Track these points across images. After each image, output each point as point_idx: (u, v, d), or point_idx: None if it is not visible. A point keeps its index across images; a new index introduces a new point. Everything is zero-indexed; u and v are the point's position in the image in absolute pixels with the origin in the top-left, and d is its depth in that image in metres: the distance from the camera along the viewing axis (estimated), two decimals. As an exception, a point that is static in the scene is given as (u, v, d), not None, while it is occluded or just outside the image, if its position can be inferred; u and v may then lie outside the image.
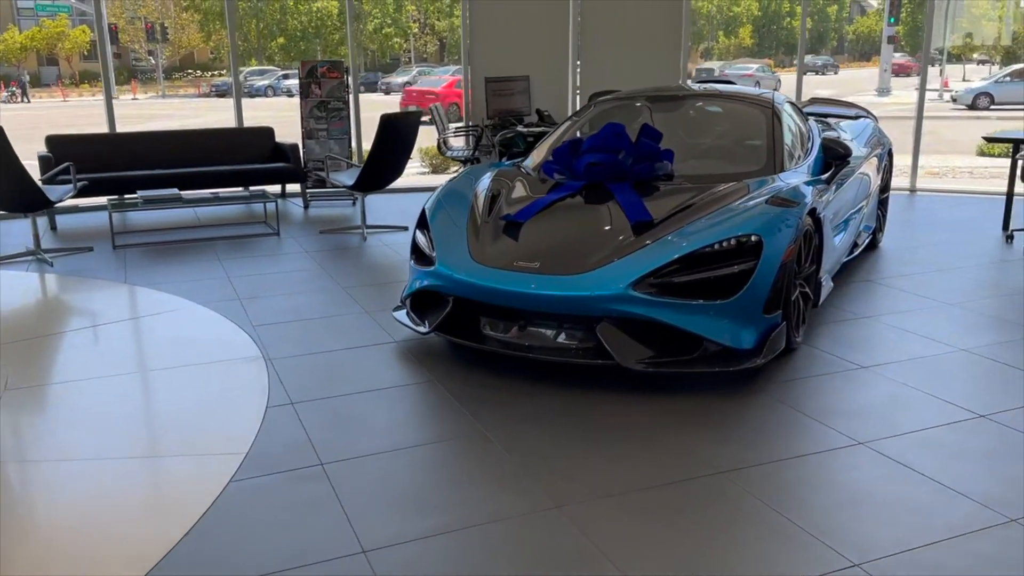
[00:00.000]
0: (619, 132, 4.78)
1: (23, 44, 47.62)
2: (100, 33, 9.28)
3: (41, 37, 47.70)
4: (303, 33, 48.43)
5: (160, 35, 46.85)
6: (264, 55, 49.73)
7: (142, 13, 49.39)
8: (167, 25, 48.18)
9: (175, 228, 7.72)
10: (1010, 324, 4.80)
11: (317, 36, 48.72)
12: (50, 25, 47.91)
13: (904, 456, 3.27)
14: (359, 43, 50.67)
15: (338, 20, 48.76)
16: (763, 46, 62.78)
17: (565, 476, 3.13)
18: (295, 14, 47.90)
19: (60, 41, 48.22)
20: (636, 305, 3.82)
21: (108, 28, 44.76)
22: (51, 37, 47.91)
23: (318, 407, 3.75)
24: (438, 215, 4.63)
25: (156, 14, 49.21)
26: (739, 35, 62.39)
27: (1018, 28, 48.00)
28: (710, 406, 3.75)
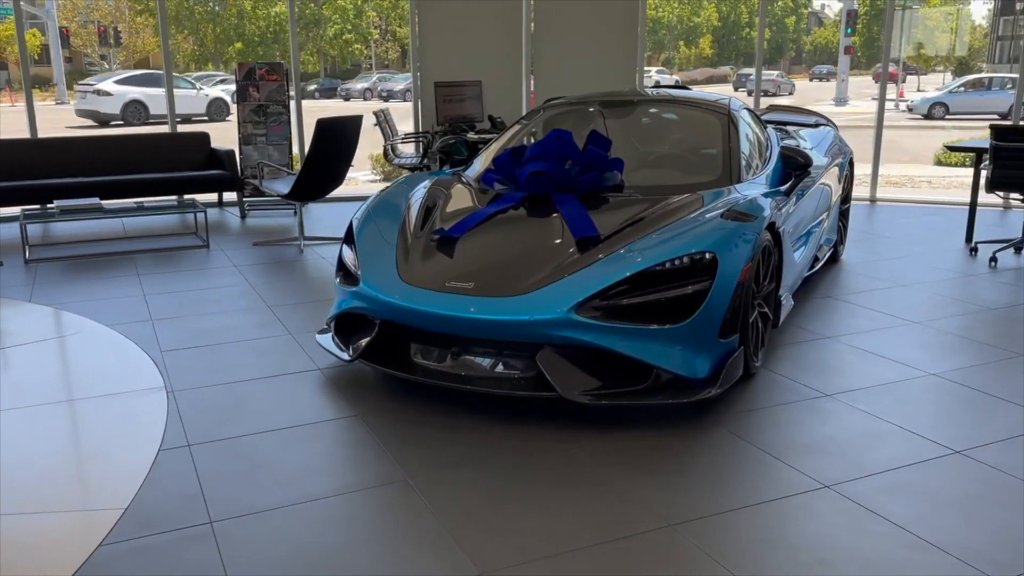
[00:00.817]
0: (565, 139, 4.41)
1: (-31, 47, 46.23)
2: (21, 34, 8.71)
3: (-15, 40, 46.33)
4: (261, 38, 47.66)
5: (113, 39, 45.77)
6: (222, 60, 48.85)
7: (95, 16, 48.28)
8: (120, 29, 47.10)
9: (97, 240, 7.19)
10: (979, 345, 4.50)
11: (275, 41, 47.96)
12: (-2, 29, 46.60)
13: (873, 501, 2.92)
14: (319, 48, 50.01)
15: (298, 26, 47.97)
16: (722, 56, 63.19)
17: (494, 534, 2.73)
18: (252, 19, 47.12)
19: (8, 44, 46.91)
20: (579, 331, 3.43)
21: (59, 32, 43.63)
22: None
23: (218, 449, 3.31)
24: (366, 229, 4.21)
25: (109, 18, 48.12)
26: (699, 45, 62.75)
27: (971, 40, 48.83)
28: (661, 443, 3.37)
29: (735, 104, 5.09)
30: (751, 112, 5.45)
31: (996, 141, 6.11)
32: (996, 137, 6.11)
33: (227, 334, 4.69)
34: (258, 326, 4.83)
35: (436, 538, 2.69)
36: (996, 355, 4.36)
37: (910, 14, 41.26)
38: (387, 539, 2.69)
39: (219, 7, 48.38)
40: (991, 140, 6.15)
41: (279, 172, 7.80)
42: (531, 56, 9.55)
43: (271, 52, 47.69)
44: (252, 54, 47.47)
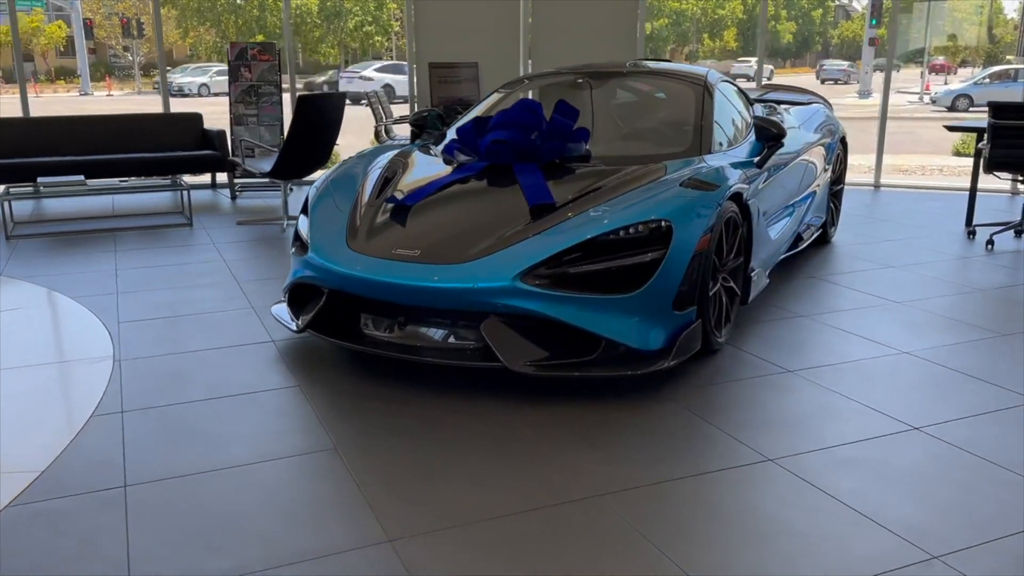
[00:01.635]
0: (532, 109, 4.28)
1: (-3, 39, 46.86)
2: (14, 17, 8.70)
3: (15, 32, 46.86)
4: (282, 30, 47.76)
5: (136, 31, 46.12)
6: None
7: (119, 8, 48.70)
8: (144, 21, 47.45)
9: (84, 219, 7.17)
10: (960, 325, 4.33)
11: (296, 33, 48.16)
12: (25, 20, 47.16)
13: (819, 476, 2.78)
14: (340, 40, 50.12)
15: (318, 17, 48.29)
16: (748, 49, 62.56)
17: (414, 502, 2.62)
18: (274, 11, 47.27)
19: (35, 36, 47.49)
20: (524, 299, 3.31)
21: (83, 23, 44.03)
22: (25, 32, 47.17)
23: (152, 416, 3.23)
24: (322, 198, 4.12)
25: (133, 10, 48.49)
26: (724, 38, 62.13)
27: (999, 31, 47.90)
28: (609, 415, 3.25)
29: (714, 76, 4.94)
30: (735, 87, 5.29)
31: (994, 119, 5.90)
32: (994, 115, 5.90)
33: (189, 307, 4.62)
34: (222, 300, 4.76)
35: (352, 506, 2.59)
36: (976, 335, 4.19)
37: (936, 5, 40.51)
38: (301, 506, 2.60)
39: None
40: (989, 118, 5.94)
41: (263, 151, 7.73)
42: (529, 38, 9.41)
43: (292, 45, 47.82)
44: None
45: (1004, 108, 5.87)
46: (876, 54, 34.99)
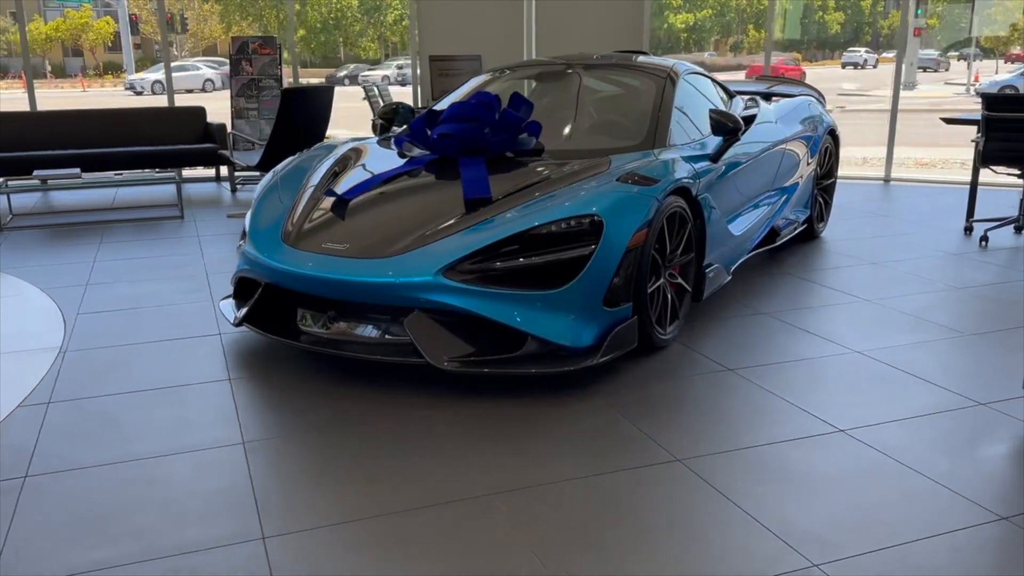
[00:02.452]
0: (486, 102, 4.24)
1: (48, 35, 48.04)
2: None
3: (66, 28, 48.06)
4: (323, 25, 48.26)
5: (180, 26, 46.89)
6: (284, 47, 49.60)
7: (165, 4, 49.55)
8: (188, 16, 48.24)
9: (82, 211, 7.30)
10: (926, 324, 4.19)
11: (337, 28, 48.57)
12: (74, 16, 48.26)
13: (721, 478, 2.71)
14: (380, 35, 50.39)
15: (358, 11, 48.60)
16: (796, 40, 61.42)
17: (302, 500, 2.61)
18: (315, 5, 47.70)
19: (84, 32, 48.57)
20: (447, 294, 3.28)
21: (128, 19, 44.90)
22: (75, 28, 48.26)
23: (76, 408, 3.27)
24: (269, 192, 4.12)
25: (178, 5, 49.32)
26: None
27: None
28: (530, 412, 3.20)
29: (683, 69, 4.84)
30: (711, 80, 5.18)
31: (988, 112, 5.70)
32: (988, 107, 5.69)
33: (150, 299, 4.67)
34: (185, 292, 4.80)
35: (239, 503, 2.59)
36: (939, 334, 4.05)
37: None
38: (191, 501, 2.60)
39: (283, -6, 49.09)
40: (982, 111, 5.73)
41: (256, 144, 7.80)
42: (534, 32, 9.35)
43: (333, 39, 48.39)
44: (315, 40, 48.15)
45: (998, 100, 5.66)
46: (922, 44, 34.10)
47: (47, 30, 47.53)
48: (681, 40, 54.53)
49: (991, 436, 3.00)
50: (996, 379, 3.49)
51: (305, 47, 48.80)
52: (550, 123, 4.44)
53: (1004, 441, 2.95)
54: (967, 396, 3.33)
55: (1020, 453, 2.86)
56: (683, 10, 54.35)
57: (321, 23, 47.58)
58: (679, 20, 53.77)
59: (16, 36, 46.23)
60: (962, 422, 3.11)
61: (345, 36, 48.88)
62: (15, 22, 47.99)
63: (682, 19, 53.70)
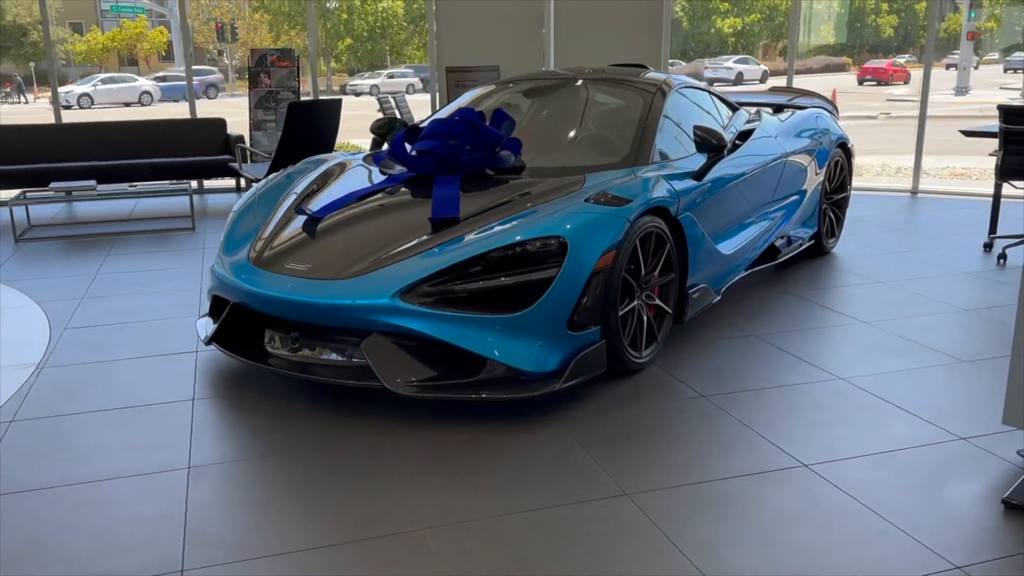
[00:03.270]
0: (468, 119, 4.18)
1: (104, 45, 49.37)
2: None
3: (122, 38, 49.34)
4: (369, 33, 48.78)
5: (230, 35, 47.81)
6: (332, 55, 50.26)
7: (216, 14, 50.59)
8: (238, 26, 49.15)
9: (97, 222, 7.42)
10: (920, 349, 4.01)
11: (383, 36, 49.03)
12: (130, 26, 49.53)
13: (667, 516, 2.60)
14: (424, 43, 50.69)
15: (404, 19, 49.02)
16: (847, 44, 60.32)
17: (233, 532, 2.57)
18: (362, 14, 48.24)
19: (139, 42, 49.80)
20: (404, 318, 3.22)
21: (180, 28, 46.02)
22: (131, 38, 49.52)
23: (37, 427, 3.28)
24: (247, 209, 4.12)
25: (229, 15, 50.29)
26: (820, 32, 60.10)
27: None
28: (482, 439, 3.13)
29: (677, 83, 4.72)
30: (710, 94, 5.06)
31: (1006, 124, 5.47)
32: (1005, 120, 5.47)
33: (140, 313, 4.71)
34: (175, 307, 4.82)
35: (166, 532, 2.56)
36: (932, 360, 3.87)
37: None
38: (123, 528, 2.58)
39: (332, 3, 49.83)
40: (1000, 123, 5.51)
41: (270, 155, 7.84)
42: (552, 41, 9.27)
43: (380, 47, 48.86)
44: (361, 48, 48.69)
45: (1017, 113, 5.43)
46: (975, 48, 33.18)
47: (104, 40, 48.85)
48: (729, 44, 53.93)
49: (962, 475, 2.84)
50: (983, 411, 3.32)
51: (352, 55, 49.37)
52: (535, 139, 4.38)
53: (974, 481, 2.79)
54: (947, 429, 3.17)
55: (989, 494, 2.70)
56: (731, 14, 53.75)
57: (368, 31, 48.08)
58: (726, 24, 53.18)
59: (75, 46, 47.63)
60: (936, 458, 2.95)
61: (391, 44, 49.32)
62: (73, 32, 49.45)
63: (730, 23, 53.09)
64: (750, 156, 4.66)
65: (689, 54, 53.17)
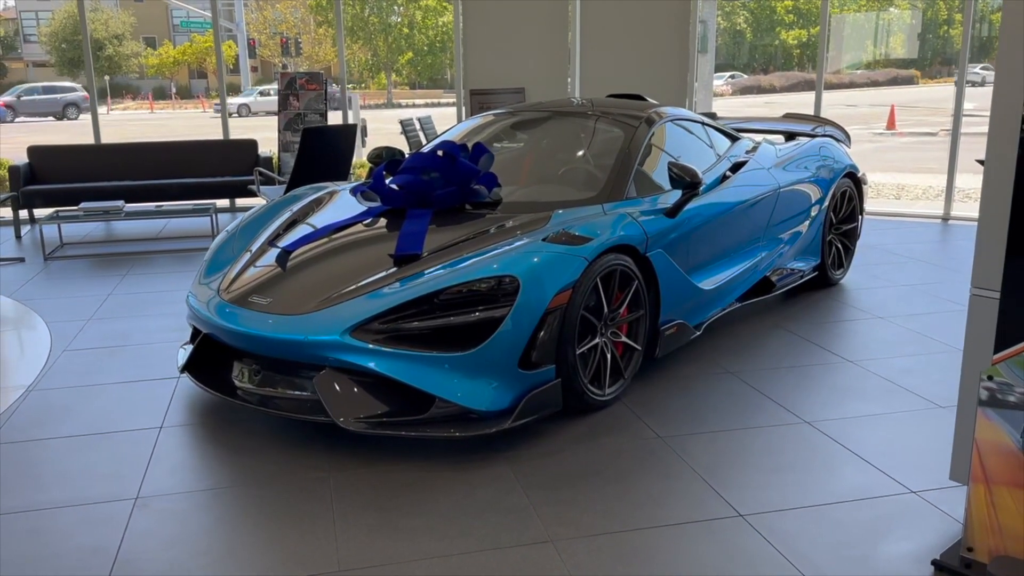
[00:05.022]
0: (447, 152, 4.23)
1: (176, 58, 51.04)
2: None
3: (192, 52, 50.95)
4: (429, 47, 49.38)
5: (294, 49, 48.93)
6: (392, 68, 51.04)
7: (282, 28, 51.86)
8: (302, 40, 50.28)
9: (125, 241, 7.69)
10: (898, 392, 3.90)
11: (443, 50, 49.54)
12: (200, 40, 51.11)
13: (588, 563, 2.59)
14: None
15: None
16: (917, 57, 58.81)
17: (157, 569, 2.66)
18: (422, 28, 48.88)
19: (208, 55, 51.36)
20: (353, 354, 3.28)
21: (247, 43, 47.10)
22: (200, 52, 51.08)
23: (8, 452, 3.43)
24: (229, 240, 4.24)
25: (295, 29, 51.50)
26: (890, 44, 58.73)
27: None
28: (427, 477, 3.16)
29: (670, 115, 4.70)
30: (703, 124, 5.02)
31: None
32: (1019, 150, 5.28)
33: (138, 337, 4.87)
34: (169, 330, 4.97)
35: (96, 563, 2.65)
36: (909, 405, 3.77)
37: None
38: (58, 559, 2.68)
39: (393, 17, 50.61)
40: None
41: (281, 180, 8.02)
42: (578, 61, 9.29)
43: (439, 60, 49.43)
44: (421, 63, 49.34)
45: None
46: None
47: (175, 54, 50.55)
48: (794, 57, 53.11)
49: (900, 532, 2.76)
50: (944, 461, 3.21)
51: (412, 70, 50.01)
52: (514, 173, 4.41)
53: (910, 539, 2.71)
54: (899, 481, 3.08)
55: (922, 554, 2.63)
56: (796, 26, 52.95)
57: (427, 45, 48.68)
58: (791, 36, 52.38)
59: (148, 59, 49.30)
60: (879, 512, 2.88)
61: (451, 58, 49.78)
62: (147, 46, 51.20)
63: (794, 35, 52.29)
64: (738, 188, 4.62)
65: (753, 66, 52.55)
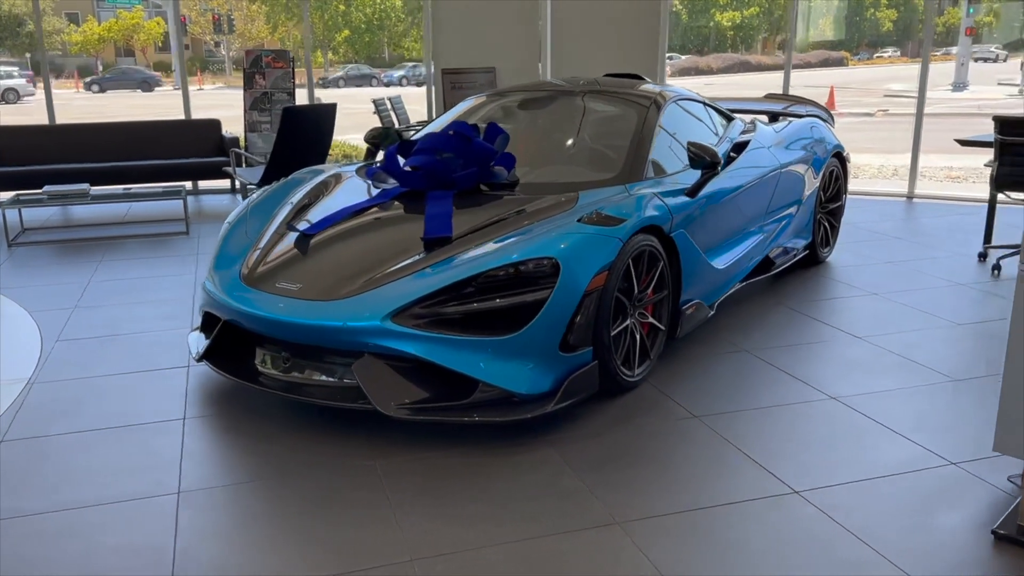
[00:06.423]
0: (461, 133, 4.16)
1: (101, 35, 49.15)
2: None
3: (118, 29, 49.11)
4: (367, 25, 48.55)
5: (227, 26, 47.63)
6: (329, 47, 50.05)
7: (213, 4, 50.36)
8: (235, 17, 48.93)
9: (90, 226, 7.40)
10: (913, 367, 4.00)
11: (380, 28, 48.80)
12: (126, 17, 49.30)
13: (659, 549, 2.60)
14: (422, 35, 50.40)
15: (402, 11, 48.83)
16: (845, 39, 60.18)
17: (223, 563, 2.57)
18: (359, 6, 48.01)
19: (136, 33, 49.58)
20: (395, 340, 3.21)
21: (177, 19, 45.85)
22: (127, 29, 49.29)
23: (26, 448, 3.27)
24: (239, 223, 4.11)
25: (226, 6, 50.06)
26: (820, 26, 59.95)
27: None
28: (474, 463, 3.12)
29: (672, 96, 4.70)
30: (704, 105, 5.04)
31: (1000, 135, 5.46)
32: (1001, 131, 5.46)
33: (131, 325, 4.69)
34: (166, 318, 4.81)
35: (158, 563, 2.56)
36: (926, 379, 3.87)
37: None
38: (109, 557, 2.57)
39: (328, -5, 49.57)
40: (995, 134, 5.50)
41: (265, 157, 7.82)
42: (549, 42, 9.23)
43: (377, 39, 48.68)
44: (359, 41, 48.48)
45: (1011, 123, 5.41)
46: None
47: (100, 31, 48.65)
48: (728, 39, 53.83)
49: (952, 502, 2.84)
50: (974, 434, 3.32)
51: (350, 48, 49.12)
52: (528, 154, 4.36)
53: (963, 509, 2.79)
54: (939, 454, 3.17)
55: (977, 523, 2.70)
56: (730, 8, 53.63)
57: (366, 23, 47.85)
58: (725, 18, 53.06)
59: (71, 36, 47.39)
60: (925, 484, 2.95)
61: (389, 36, 49.14)
62: (70, 22, 49.16)
63: (728, 17, 52.98)
64: (745, 169, 4.65)
65: (687, 48, 53.06)
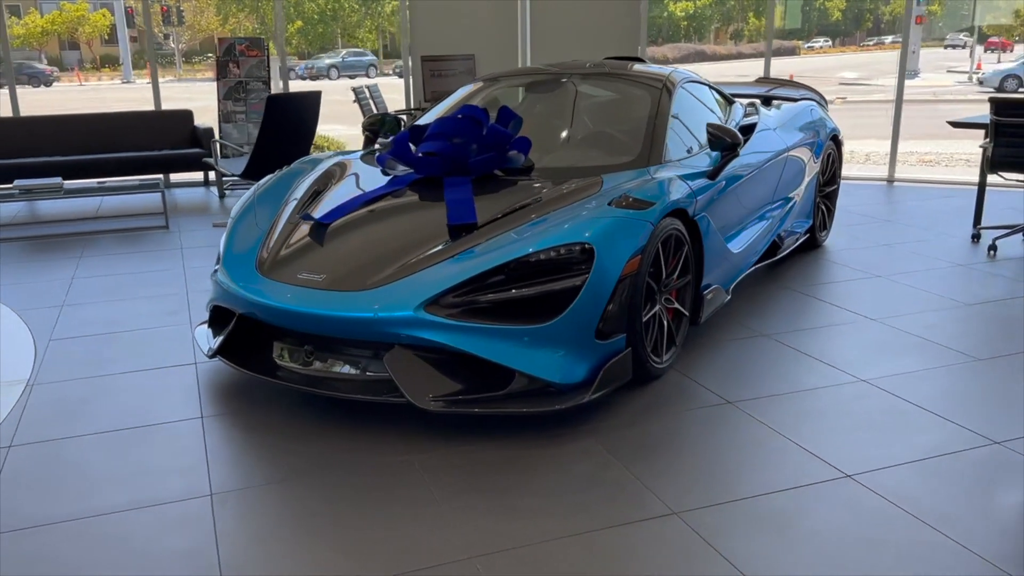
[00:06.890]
0: (473, 117, 4.04)
1: (44, 28, 47.74)
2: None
3: (62, 21, 47.75)
4: (320, 16, 47.86)
5: (176, 18, 46.60)
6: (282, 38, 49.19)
7: (161, -4, 49.18)
8: (184, 8, 47.90)
9: (65, 220, 7.12)
10: (933, 347, 4.00)
11: (334, 19, 48.14)
12: (70, 9, 47.95)
13: (720, 535, 2.53)
14: (378, 25, 49.94)
15: (356, 2, 48.24)
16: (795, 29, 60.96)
17: (271, 566, 2.44)
18: (311, -4, 47.28)
19: (80, 25, 48.27)
20: (428, 330, 3.10)
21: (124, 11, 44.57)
22: (71, 21, 47.95)
23: (39, 452, 3.09)
24: (246, 212, 3.95)
25: (175, -2, 48.95)
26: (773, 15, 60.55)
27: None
28: (515, 456, 3.02)
29: (680, 77, 4.64)
30: (709, 87, 4.99)
31: (997, 116, 5.50)
32: (997, 112, 5.50)
33: (127, 322, 4.50)
34: (164, 314, 4.62)
35: (204, 566, 2.42)
36: (947, 359, 3.86)
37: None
38: (149, 565, 2.43)
39: (280, -15, 48.67)
40: (991, 115, 5.54)
41: (242, 147, 7.61)
42: (529, 29, 9.13)
43: (330, 30, 48.02)
44: (312, 32, 47.78)
45: (1007, 104, 5.46)
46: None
47: (43, 23, 47.22)
48: (681, 29, 54.19)
49: (1006, 481, 2.82)
50: (1011, 412, 3.31)
51: (303, 39, 48.37)
52: (541, 138, 4.26)
53: (1019, 487, 2.77)
54: (980, 434, 3.15)
55: (1037, 503, 2.69)
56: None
57: (318, 14, 47.15)
58: (679, 8, 53.41)
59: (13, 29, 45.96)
60: (976, 464, 2.93)
61: (343, 27, 48.47)
62: (11, 14, 47.68)
63: (682, 7, 53.34)
64: (756, 152, 4.61)
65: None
